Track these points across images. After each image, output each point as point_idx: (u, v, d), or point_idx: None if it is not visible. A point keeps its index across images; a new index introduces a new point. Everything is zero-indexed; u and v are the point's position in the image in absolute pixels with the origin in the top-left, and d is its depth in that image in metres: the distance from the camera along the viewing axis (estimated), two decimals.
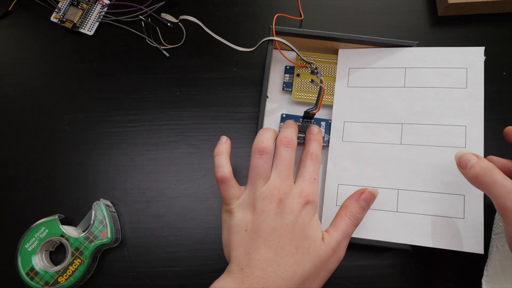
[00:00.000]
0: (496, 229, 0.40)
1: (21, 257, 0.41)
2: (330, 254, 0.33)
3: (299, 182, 0.35)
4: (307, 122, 0.44)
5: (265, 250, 0.32)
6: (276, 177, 0.35)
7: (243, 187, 0.37)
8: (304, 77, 0.46)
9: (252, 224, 0.34)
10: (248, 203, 0.35)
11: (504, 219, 0.31)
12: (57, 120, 0.48)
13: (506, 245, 0.39)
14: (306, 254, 0.32)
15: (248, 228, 0.34)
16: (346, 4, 0.52)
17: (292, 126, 0.39)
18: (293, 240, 0.33)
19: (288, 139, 0.37)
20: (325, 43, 0.45)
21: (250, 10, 0.52)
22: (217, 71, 0.50)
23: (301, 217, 0.33)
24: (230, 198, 0.36)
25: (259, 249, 0.32)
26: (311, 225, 0.34)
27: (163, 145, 0.47)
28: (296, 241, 0.33)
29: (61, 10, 0.51)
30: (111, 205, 0.45)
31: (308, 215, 0.34)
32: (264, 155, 0.36)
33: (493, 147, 0.41)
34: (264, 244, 0.32)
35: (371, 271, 0.43)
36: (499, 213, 0.32)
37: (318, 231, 0.34)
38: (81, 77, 0.50)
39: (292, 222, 0.33)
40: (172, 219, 0.45)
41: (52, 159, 0.47)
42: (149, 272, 0.43)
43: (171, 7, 0.52)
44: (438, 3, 0.51)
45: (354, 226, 0.35)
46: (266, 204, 0.34)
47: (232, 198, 0.36)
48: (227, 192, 0.36)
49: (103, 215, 0.42)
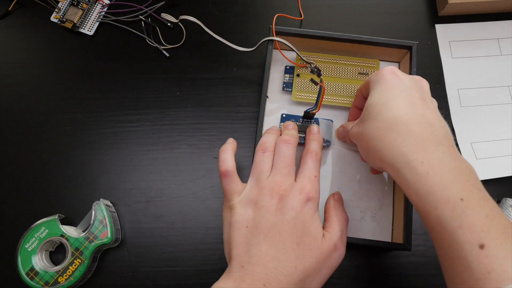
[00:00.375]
0: None
1: (21, 257, 0.41)
2: (332, 250, 0.33)
3: (299, 179, 0.36)
4: (307, 122, 0.44)
5: (266, 246, 0.32)
6: (277, 173, 0.35)
7: (245, 184, 0.37)
8: (304, 77, 0.46)
9: (253, 221, 0.34)
10: (249, 198, 0.35)
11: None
12: (57, 120, 0.48)
13: None
14: (307, 250, 0.32)
15: (249, 225, 0.34)
16: (346, 4, 0.52)
17: (292, 127, 0.40)
18: (294, 236, 0.33)
19: (289, 136, 0.38)
20: (325, 43, 0.45)
21: (250, 10, 0.52)
22: (217, 71, 0.49)
23: (302, 213, 0.33)
24: (232, 193, 0.36)
25: (260, 246, 0.32)
26: (312, 222, 0.34)
27: (163, 145, 0.47)
28: (297, 238, 0.33)
29: (61, 10, 0.51)
30: (111, 205, 0.45)
31: (309, 212, 0.34)
32: (267, 153, 0.37)
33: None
34: (265, 240, 0.32)
35: (371, 271, 0.43)
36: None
37: (319, 228, 0.34)
38: (81, 77, 0.50)
39: (293, 219, 0.33)
40: (172, 219, 0.45)
41: (52, 159, 0.47)
42: (149, 272, 0.43)
43: (171, 7, 0.52)
44: (438, 3, 0.51)
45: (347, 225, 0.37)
46: (266, 200, 0.34)
47: (234, 193, 0.36)
48: (230, 186, 0.36)
49: (103, 215, 0.42)
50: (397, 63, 0.47)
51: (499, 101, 0.48)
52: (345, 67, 0.46)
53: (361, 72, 0.46)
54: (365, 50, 0.45)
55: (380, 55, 0.46)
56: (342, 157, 0.44)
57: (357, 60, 0.46)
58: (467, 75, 0.49)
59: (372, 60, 0.46)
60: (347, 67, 0.46)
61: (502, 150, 0.46)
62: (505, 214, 0.41)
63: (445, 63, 0.50)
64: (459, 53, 0.50)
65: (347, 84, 0.45)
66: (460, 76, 0.49)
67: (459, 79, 0.49)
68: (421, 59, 0.49)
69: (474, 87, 0.49)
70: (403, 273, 0.43)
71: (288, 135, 0.38)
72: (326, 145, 0.44)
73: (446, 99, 0.48)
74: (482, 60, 0.50)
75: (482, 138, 0.47)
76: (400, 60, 0.47)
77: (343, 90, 0.45)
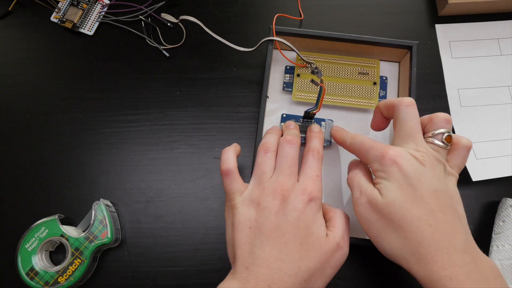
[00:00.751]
0: (496, 229, 0.40)
1: (21, 257, 0.41)
2: (335, 249, 0.33)
3: (302, 179, 0.35)
4: (307, 122, 0.44)
5: (269, 247, 0.32)
6: (280, 174, 0.35)
7: (247, 184, 0.37)
8: (305, 77, 0.46)
9: (256, 221, 0.33)
10: (251, 199, 0.35)
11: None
12: (57, 120, 0.48)
13: (506, 245, 0.39)
14: (310, 251, 0.32)
15: (252, 225, 0.33)
16: (346, 4, 0.52)
17: (294, 127, 0.40)
18: (297, 237, 0.32)
19: (291, 136, 0.37)
20: (325, 43, 0.45)
21: (250, 10, 0.52)
22: (217, 71, 0.49)
23: (305, 214, 0.33)
24: (233, 193, 0.36)
25: (264, 247, 0.32)
26: (315, 222, 0.34)
27: (163, 145, 0.47)
28: (300, 238, 0.33)
29: (61, 10, 0.51)
30: (111, 205, 0.45)
31: (311, 212, 0.34)
32: (269, 153, 0.37)
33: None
34: (268, 242, 0.32)
35: (371, 271, 0.43)
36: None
37: (322, 228, 0.34)
38: (81, 77, 0.50)
39: (296, 219, 0.33)
40: (172, 219, 0.45)
41: (52, 159, 0.47)
42: (149, 272, 0.43)
43: (171, 7, 0.52)
44: (438, 3, 0.51)
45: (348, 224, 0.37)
46: (269, 200, 0.34)
47: (235, 192, 0.36)
48: (231, 186, 0.36)
49: (103, 215, 0.42)
50: (397, 63, 0.47)
51: (499, 101, 0.48)
52: (345, 67, 0.46)
53: (361, 72, 0.46)
54: (365, 50, 0.45)
55: (380, 55, 0.46)
56: (343, 156, 0.44)
57: (357, 60, 0.46)
58: (467, 75, 0.49)
59: (372, 60, 0.46)
60: (347, 67, 0.46)
61: (502, 150, 0.46)
62: (505, 214, 0.41)
63: (445, 63, 0.50)
64: (459, 53, 0.50)
65: (347, 84, 0.45)
66: (460, 76, 0.49)
67: (459, 79, 0.49)
68: (421, 59, 0.49)
69: (474, 87, 0.49)
70: (405, 272, 0.43)
71: (291, 135, 0.38)
72: (327, 145, 0.44)
73: (446, 99, 0.48)
74: (482, 60, 0.50)
75: (482, 138, 0.47)
76: (400, 60, 0.47)
77: (343, 90, 0.45)
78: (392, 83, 0.47)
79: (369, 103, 0.45)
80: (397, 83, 0.47)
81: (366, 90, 0.45)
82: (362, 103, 0.45)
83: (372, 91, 0.45)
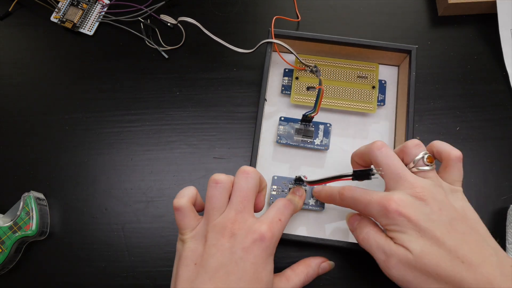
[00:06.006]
0: (510, 238, 0.40)
1: None
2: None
3: (261, 218, 0.33)
4: (306, 126, 0.44)
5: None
6: (232, 209, 0.32)
7: (201, 217, 0.34)
8: (303, 80, 0.46)
9: (201, 258, 0.31)
10: (201, 235, 0.32)
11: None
12: (57, 120, 0.48)
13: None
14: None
15: (197, 262, 0.31)
16: (346, 4, 0.52)
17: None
18: (242, 281, 0.30)
19: (249, 168, 0.34)
20: (324, 46, 0.45)
21: (250, 10, 0.52)
22: (217, 71, 0.50)
23: (253, 255, 0.30)
24: (184, 228, 0.33)
25: (205, 286, 0.30)
26: (265, 267, 0.31)
27: (163, 145, 0.47)
28: (246, 283, 0.30)
29: (61, 10, 0.51)
30: (43, 198, 0.44)
31: (262, 255, 0.31)
32: (219, 185, 0.33)
33: None
34: (210, 281, 0.30)
35: (371, 271, 0.43)
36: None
37: (271, 275, 0.32)
38: (81, 77, 0.50)
39: (243, 260, 0.30)
40: (172, 219, 0.45)
41: (52, 159, 0.47)
42: (149, 272, 0.44)
43: (171, 7, 0.52)
44: (438, 3, 0.51)
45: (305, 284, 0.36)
46: (218, 237, 0.31)
47: (186, 228, 0.33)
48: (182, 222, 0.34)
49: (30, 207, 0.42)
50: (396, 67, 0.47)
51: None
52: (344, 70, 0.46)
53: (360, 76, 0.46)
54: (364, 53, 0.45)
55: (379, 59, 0.46)
56: (339, 161, 0.45)
57: (356, 64, 0.46)
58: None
59: (371, 64, 0.46)
60: (346, 70, 0.46)
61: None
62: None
63: (504, 38, 0.49)
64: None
65: (346, 88, 0.46)
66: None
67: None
68: (420, 60, 0.49)
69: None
70: None
71: (248, 167, 0.34)
72: (324, 149, 0.44)
73: (445, 99, 0.47)
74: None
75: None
76: (400, 64, 0.47)
77: (342, 93, 0.45)
78: (391, 87, 0.47)
79: (367, 107, 0.45)
80: (396, 87, 0.47)
81: (365, 93, 0.45)
82: (360, 107, 0.45)
83: (371, 94, 0.45)
